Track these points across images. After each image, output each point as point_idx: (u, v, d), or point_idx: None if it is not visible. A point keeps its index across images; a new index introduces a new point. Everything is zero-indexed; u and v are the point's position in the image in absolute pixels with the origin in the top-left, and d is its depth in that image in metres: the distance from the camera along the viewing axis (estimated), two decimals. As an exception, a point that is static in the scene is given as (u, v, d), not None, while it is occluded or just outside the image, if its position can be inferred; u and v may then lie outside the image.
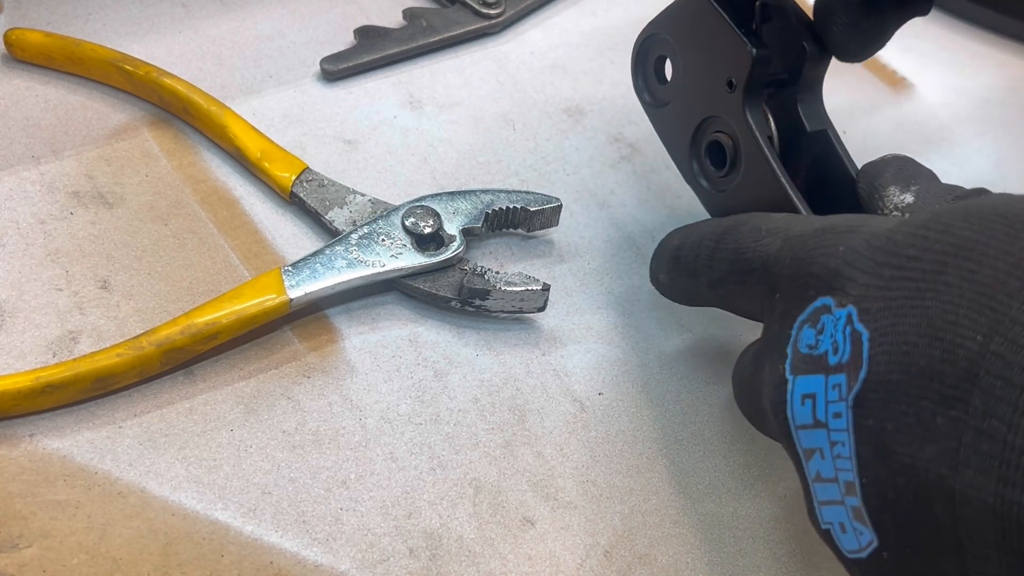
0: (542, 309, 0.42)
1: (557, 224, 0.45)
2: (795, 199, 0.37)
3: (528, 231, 0.45)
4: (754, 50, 0.37)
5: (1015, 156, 0.55)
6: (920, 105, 0.56)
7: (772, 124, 0.39)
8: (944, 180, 0.36)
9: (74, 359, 0.35)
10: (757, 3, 0.38)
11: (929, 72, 0.59)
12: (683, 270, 0.38)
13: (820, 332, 0.29)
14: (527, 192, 0.44)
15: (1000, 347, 0.24)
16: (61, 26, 0.49)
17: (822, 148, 0.39)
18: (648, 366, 0.42)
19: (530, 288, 0.40)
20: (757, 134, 0.38)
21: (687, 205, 0.48)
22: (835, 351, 0.28)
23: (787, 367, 0.30)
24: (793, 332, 0.30)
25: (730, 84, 0.38)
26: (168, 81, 0.46)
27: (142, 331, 0.37)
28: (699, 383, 0.42)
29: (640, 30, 0.42)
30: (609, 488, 0.38)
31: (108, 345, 0.36)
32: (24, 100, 0.46)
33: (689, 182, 0.42)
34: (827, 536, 0.29)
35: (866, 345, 0.27)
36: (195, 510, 0.34)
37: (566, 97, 0.53)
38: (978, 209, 0.27)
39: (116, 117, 0.46)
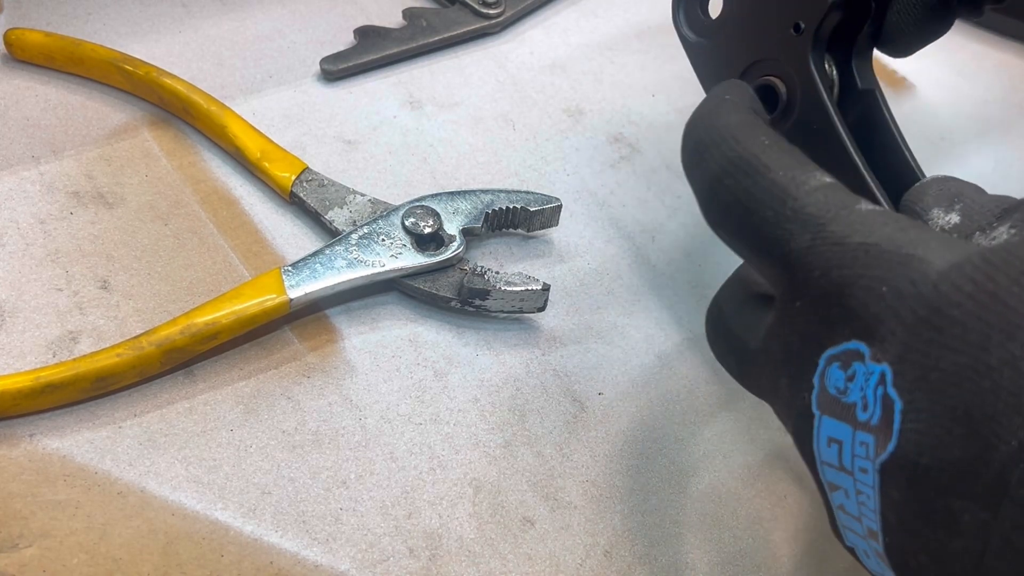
0: (542, 309, 0.42)
1: (557, 224, 0.45)
2: (855, 156, 0.34)
3: (528, 231, 0.45)
4: None
5: (1015, 156, 0.55)
6: (920, 105, 0.56)
7: (835, 73, 0.37)
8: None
9: (74, 359, 0.35)
10: None
11: (929, 72, 0.59)
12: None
13: (850, 379, 0.27)
14: (527, 192, 0.44)
15: None
16: (61, 26, 0.49)
17: (869, 108, 0.37)
18: (648, 366, 0.42)
19: (530, 288, 0.40)
20: (820, 84, 0.35)
21: (687, 205, 0.48)
22: (864, 408, 0.26)
23: (814, 400, 0.28)
24: (820, 363, 0.28)
25: (797, 28, 0.35)
26: (168, 81, 0.46)
27: (142, 331, 0.37)
28: (699, 383, 0.42)
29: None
30: (609, 488, 0.38)
31: (108, 345, 0.36)
32: (24, 100, 0.46)
33: None
34: (852, 552, 0.29)
35: (898, 417, 0.25)
36: (195, 510, 0.34)
37: (566, 97, 0.53)
38: None
39: (116, 117, 0.46)
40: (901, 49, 0.37)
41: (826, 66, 0.36)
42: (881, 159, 0.36)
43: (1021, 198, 0.31)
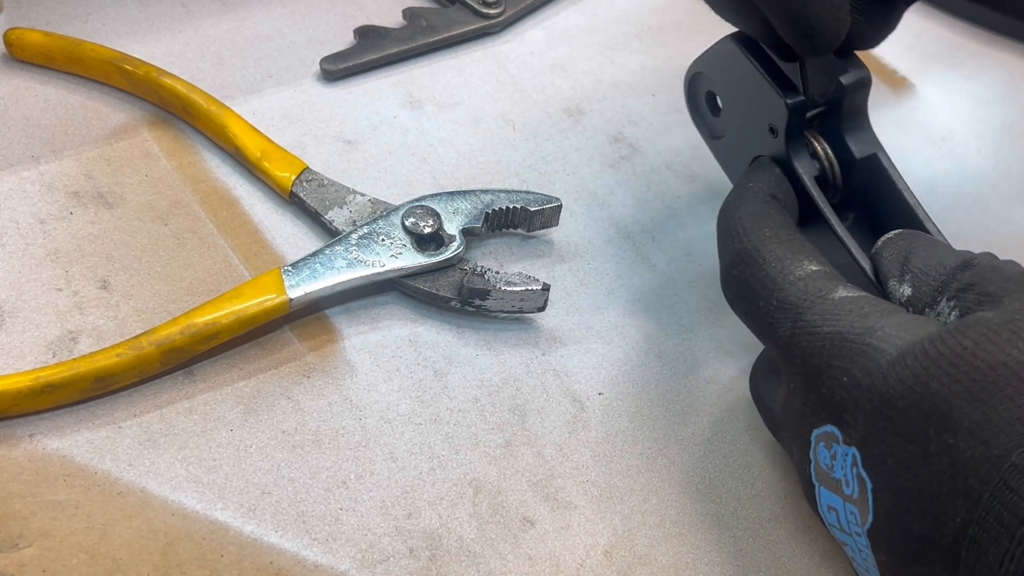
0: (542, 309, 0.41)
1: (557, 224, 0.45)
2: (841, 235, 0.37)
3: (528, 231, 0.45)
4: (788, 101, 0.37)
5: (1015, 156, 0.55)
6: (920, 105, 0.56)
7: (827, 153, 0.39)
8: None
9: (74, 359, 0.35)
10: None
11: (929, 72, 0.59)
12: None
13: (833, 458, 0.30)
14: (527, 192, 0.44)
15: (977, 534, 0.26)
16: (61, 26, 0.49)
17: (873, 173, 0.38)
18: (648, 366, 0.42)
19: (530, 288, 0.40)
20: (803, 177, 0.38)
21: (687, 205, 0.48)
22: (847, 484, 0.30)
23: (812, 472, 0.32)
24: (811, 441, 0.31)
25: (772, 130, 0.38)
26: (168, 81, 0.46)
27: (142, 331, 0.37)
28: (699, 383, 0.42)
29: (688, 66, 0.43)
30: (609, 488, 0.38)
31: (108, 345, 0.36)
32: (24, 100, 0.46)
33: None
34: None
35: (870, 495, 0.29)
36: (195, 510, 0.34)
37: (566, 97, 0.53)
38: (958, 359, 0.27)
39: (116, 117, 0.46)
40: (868, 44, 0.39)
41: (818, 148, 0.39)
42: (890, 222, 0.37)
43: (960, 259, 0.33)
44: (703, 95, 0.43)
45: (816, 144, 0.39)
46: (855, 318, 0.31)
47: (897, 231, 0.36)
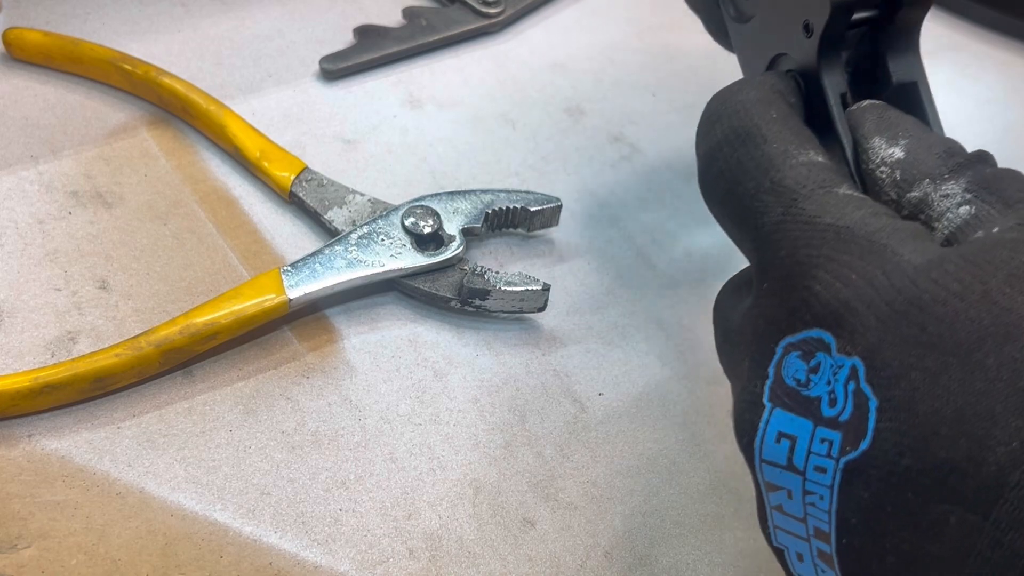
0: (542, 309, 0.41)
1: (557, 224, 0.45)
2: (851, 165, 0.32)
3: (528, 231, 0.45)
4: None
5: (1016, 156, 0.54)
6: (920, 105, 0.56)
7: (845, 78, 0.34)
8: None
9: (72, 359, 0.35)
10: None
11: (930, 72, 0.58)
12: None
13: (814, 371, 0.26)
14: (527, 192, 0.44)
15: None
16: (60, 25, 0.49)
17: (907, 103, 0.34)
18: (648, 366, 0.42)
19: (530, 288, 0.40)
20: (828, 92, 0.32)
21: (687, 205, 0.48)
22: (832, 403, 0.25)
23: (766, 391, 0.27)
24: (778, 351, 0.26)
25: (807, 28, 0.33)
26: (167, 80, 0.46)
27: (141, 331, 0.37)
28: (699, 383, 0.42)
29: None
30: (609, 488, 0.38)
31: (107, 345, 0.36)
32: (23, 100, 0.46)
33: None
34: (779, 555, 0.28)
35: (872, 415, 0.24)
36: (194, 511, 0.34)
37: (566, 97, 0.52)
38: (1020, 270, 0.23)
39: (115, 117, 0.46)
40: None
41: (843, 69, 0.34)
42: None
43: (970, 151, 0.29)
44: None
45: (845, 66, 0.33)
46: (866, 216, 0.26)
47: (874, 102, 0.31)
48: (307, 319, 0.40)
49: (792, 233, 0.27)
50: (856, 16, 0.33)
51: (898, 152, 0.29)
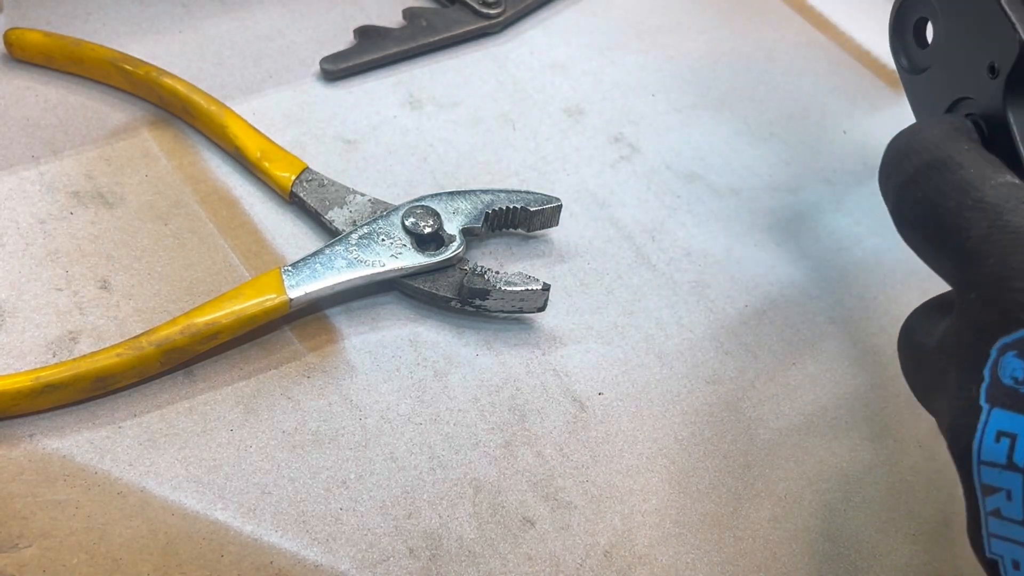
0: (542, 309, 0.42)
1: (557, 224, 0.45)
2: None
3: (528, 231, 0.45)
4: (1023, 37, 0.32)
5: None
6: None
7: None
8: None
9: (74, 359, 0.35)
10: None
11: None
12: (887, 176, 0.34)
13: None
14: (527, 192, 0.44)
15: None
16: (61, 26, 0.49)
17: None
18: (648, 366, 0.42)
19: (530, 288, 0.40)
20: (1015, 131, 0.33)
21: (687, 205, 0.48)
22: None
23: (982, 393, 0.27)
24: (992, 353, 0.27)
25: (992, 69, 0.33)
26: (168, 81, 0.46)
27: (142, 331, 0.37)
28: (699, 383, 0.42)
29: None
30: (609, 488, 0.38)
31: (108, 345, 0.36)
32: (24, 100, 0.46)
33: None
34: (992, 566, 0.28)
35: None
36: (195, 510, 0.34)
37: (566, 97, 0.53)
38: None
39: (116, 117, 0.46)
40: None
41: None
42: None
43: None
44: (912, 21, 0.39)
45: None
46: None
47: None
48: (308, 319, 0.41)
49: (1000, 243, 0.28)
50: None
51: None
